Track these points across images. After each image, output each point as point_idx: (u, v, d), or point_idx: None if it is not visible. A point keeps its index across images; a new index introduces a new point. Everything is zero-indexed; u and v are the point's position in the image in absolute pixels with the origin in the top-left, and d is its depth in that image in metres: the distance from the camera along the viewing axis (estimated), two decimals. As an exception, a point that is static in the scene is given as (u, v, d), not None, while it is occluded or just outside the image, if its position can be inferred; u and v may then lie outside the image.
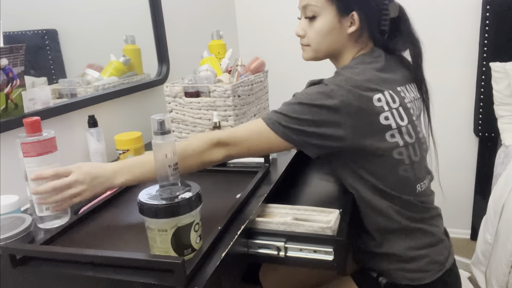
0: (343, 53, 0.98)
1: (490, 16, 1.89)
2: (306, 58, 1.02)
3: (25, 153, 0.82)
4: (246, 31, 2.37)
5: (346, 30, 0.93)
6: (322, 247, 0.84)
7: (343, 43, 0.96)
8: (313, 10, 0.94)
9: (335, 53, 0.98)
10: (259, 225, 0.90)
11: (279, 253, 0.86)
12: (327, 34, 0.94)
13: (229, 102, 1.30)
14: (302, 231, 0.87)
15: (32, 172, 0.82)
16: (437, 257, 0.97)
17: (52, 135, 0.84)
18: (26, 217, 0.83)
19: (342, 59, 0.99)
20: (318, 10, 0.93)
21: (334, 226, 0.86)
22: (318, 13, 0.93)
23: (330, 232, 0.85)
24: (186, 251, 0.68)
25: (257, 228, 0.89)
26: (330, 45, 0.96)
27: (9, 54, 0.96)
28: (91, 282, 0.68)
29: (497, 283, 1.38)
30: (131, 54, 1.46)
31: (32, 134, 0.82)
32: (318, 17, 0.94)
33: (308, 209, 0.95)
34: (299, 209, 0.95)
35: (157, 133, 0.81)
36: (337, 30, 0.93)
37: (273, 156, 1.20)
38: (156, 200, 0.66)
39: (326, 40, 0.95)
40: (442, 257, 0.98)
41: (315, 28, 0.95)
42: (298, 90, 0.96)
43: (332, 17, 0.92)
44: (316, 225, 0.86)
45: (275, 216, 0.95)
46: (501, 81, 1.84)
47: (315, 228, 0.86)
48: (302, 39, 0.99)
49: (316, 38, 0.96)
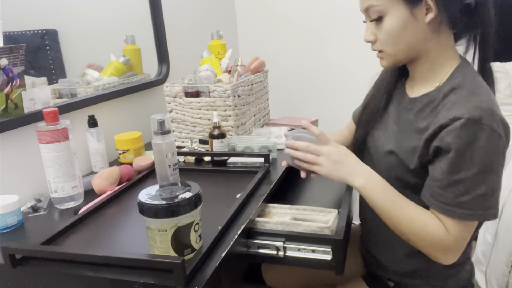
0: (429, 51, 0.83)
1: (490, 16, 1.88)
2: (386, 66, 0.88)
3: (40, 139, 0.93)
4: (246, 31, 2.37)
5: (423, 21, 0.79)
6: (321, 246, 0.84)
7: (424, 37, 0.81)
8: (378, 10, 0.81)
9: (418, 53, 0.84)
10: (258, 225, 0.90)
11: (278, 252, 0.86)
12: (400, 32, 0.80)
13: (229, 102, 1.30)
14: (300, 230, 0.87)
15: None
16: (463, 275, 0.94)
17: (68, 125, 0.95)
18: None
19: (429, 61, 0.85)
20: (383, 9, 0.80)
21: (333, 226, 0.87)
22: (385, 12, 0.80)
23: (328, 232, 0.85)
24: (186, 251, 0.68)
25: (256, 228, 0.89)
26: (409, 44, 0.82)
27: (9, 54, 0.96)
28: (91, 282, 0.68)
29: (497, 283, 1.39)
30: (131, 54, 1.46)
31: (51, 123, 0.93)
32: (386, 16, 0.80)
33: (307, 209, 0.95)
34: (298, 209, 0.95)
35: (157, 133, 0.82)
36: (412, 23, 0.79)
37: (273, 156, 1.20)
38: (156, 200, 0.66)
39: (401, 40, 0.81)
40: (468, 275, 0.96)
41: (385, 29, 0.81)
42: (298, 90, 0.95)
43: (402, 11, 0.78)
44: (314, 225, 0.86)
45: (274, 216, 0.95)
46: (501, 81, 1.84)
47: (313, 228, 0.86)
48: (374, 45, 0.86)
49: (390, 40, 0.82)
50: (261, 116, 1.60)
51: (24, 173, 1.04)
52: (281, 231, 0.88)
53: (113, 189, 1.04)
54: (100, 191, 1.02)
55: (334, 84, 2.27)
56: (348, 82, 2.23)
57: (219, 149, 1.21)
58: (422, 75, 0.88)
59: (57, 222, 0.91)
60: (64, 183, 0.95)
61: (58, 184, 0.95)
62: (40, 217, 0.94)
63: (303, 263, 0.86)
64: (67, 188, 0.96)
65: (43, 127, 0.93)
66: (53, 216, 0.94)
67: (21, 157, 1.03)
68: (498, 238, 1.40)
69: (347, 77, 2.22)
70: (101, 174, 1.04)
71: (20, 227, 0.89)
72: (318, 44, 2.24)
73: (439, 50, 0.83)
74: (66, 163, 0.95)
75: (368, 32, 0.85)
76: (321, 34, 2.22)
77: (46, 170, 0.95)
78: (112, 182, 1.04)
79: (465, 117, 0.72)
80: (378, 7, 0.80)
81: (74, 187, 0.97)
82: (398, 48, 0.83)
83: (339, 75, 2.24)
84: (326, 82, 2.28)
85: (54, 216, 0.94)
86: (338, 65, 2.22)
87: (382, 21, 0.81)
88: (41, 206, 0.97)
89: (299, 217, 0.94)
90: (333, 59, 2.22)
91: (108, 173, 1.04)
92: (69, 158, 0.95)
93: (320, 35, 2.22)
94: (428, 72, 0.87)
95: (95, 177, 1.04)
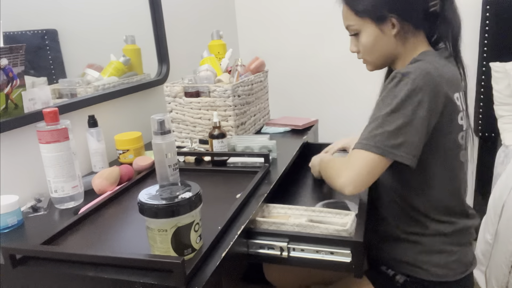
0: (402, 54, 0.98)
1: (490, 16, 1.88)
2: (370, 70, 1.05)
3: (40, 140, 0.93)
4: (246, 31, 2.37)
5: (390, 34, 0.95)
6: (340, 249, 0.82)
7: (395, 46, 0.97)
8: (354, 29, 0.98)
9: (393, 58, 1.00)
10: (274, 226, 0.89)
11: (282, 253, 0.86)
12: (374, 45, 0.97)
13: (229, 102, 1.31)
14: (317, 233, 0.86)
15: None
16: (464, 258, 0.96)
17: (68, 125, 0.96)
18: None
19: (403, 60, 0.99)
20: (358, 28, 0.97)
21: (351, 229, 0.85)
22: (359, 30, 0.97)
23: (346, 235, 0.84)
24: (186, 251, 0.68)
25: (269, 230, 0.88)
26: (383, 53, 0.98)
27: (9, 54, 0.96)
28: (91, 282, 0.68)
29: (497, 283, 1.39)
30: (131, 54, 1.46)
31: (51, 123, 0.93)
32: (361, 33, 0.97)
33: (323, 211, 0.94)
34: (314, 211, 0.94)
35: (157, 133, 0.81)
36: (382, 37, 0.96)
37: (273, 156, 1.20)
38: (156, 200, 0.66)
39: (377, 51, 0.98)
40: (468, 259, 0.98)
41: (362, 43, 0.98)
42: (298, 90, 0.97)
43: (372, 29, 0.95)
44: (331, 228, 0.85)
45: (290, 217, 0.94)
46: (501, 81, 1.84)
47: (330, 231, 0.85)
48: (358, 54, 1.03)
49: (367, 51, 0.99)
50: (261, 116, 1.60)
51: (24, 173, 1.04)
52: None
53: (113, 189, 1.04)
54: (100, 191, 1.02)
55: (334, 84, 2.27)
56: (348, 82, 2.23)
57: (219, 149, 1.21)
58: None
59: (57, 222, 0.91)
60: (64, 183, 0.95)
61: (58, 184, 0.95)
62: (40, 217, 0.94)
63: (320, 265, 0.84)
64: (67, 188, 0.96)
65: (43, 127, 0.93)
66: (53, 216, 0.94)
67: (21, 157, 1.03)
68: (498, 238, 1.40)
69: (347, 77, 2.22)
70: (101, 174, 1.04)
71: (20, 227, 0.89)
72: (318, 44, 2.24)
73: (410, 52, 0.97)
74: (66, 163, 0.95)
75: (352, 44, 1.02)
76: (321, 34, 2.22)
77: (46, 170, 0.95)
78: (112, 182, 1.04)
79: (399, 72, 0.87)
80: (354, 26, 0.98)
81: (74, 187, 0.97)
82: (375, 56, 1.00)
83: (339, 75, 2.24)
84: (326, 82, 2.28)
85: (54, 216, 0.94)
86: (338, 65, 2.22)
87: (359, 36, 0.98)
88: (41, 206, 0.97)
89: (315, 219, 0.93)
90: (333, 59, 2.22)
91: (108, 173, 1.04)
92: (69, 158, 0.95)
93: (320, 35, 2.22)
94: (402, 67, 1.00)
95: (95, 177, 1.04)
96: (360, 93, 2.20)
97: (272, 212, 0.97)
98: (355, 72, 2.18)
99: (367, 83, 1.12)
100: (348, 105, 2.27)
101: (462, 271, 0.95)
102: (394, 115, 0.84)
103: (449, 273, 0.94)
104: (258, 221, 0.90)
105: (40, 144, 0.93)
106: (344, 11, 0.99)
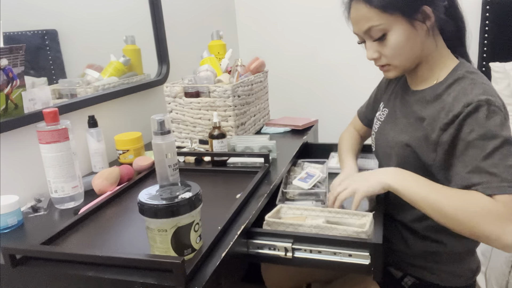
0: (430, 54, 0.90)
1: (490, 16, 1.89)
2: (393, 76, 0.93)
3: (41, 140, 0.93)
4: (246, 31, 2.37)
5: (422, 30, 0.86)
6: (358, 251, 0.81)
7: (426, 44, 0.88)
8: (380, 29, 0.85)
9: (421, 58, 0.91)
10: (291, 228, 0.87)
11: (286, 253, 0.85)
12: (405, 44, 0.86)
13: (229, 102, 1.31)
14: (335, 234, 0.84)
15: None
16: (473, 265, 0.97)
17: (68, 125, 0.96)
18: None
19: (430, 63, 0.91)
20: (385, 27, 0.85)
21: (369, 230, 0.84)
22: (387, 29, 0.85)
23: (365, 236, 0.82)
24: (186, 251, 0.68)
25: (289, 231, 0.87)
26: (414, 54, 0.88)
27: (9, 54, 0.96)
28: (91, 282, 0.68)
29: (497, 283, 1.38)
30: (131, 54, 1.46)
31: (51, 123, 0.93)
32: (389, 33, 0.85)
33: (340, 212, 0.92)
34: (331, 212, 0.93)
35: (157, 133, 0.81)
36: (414, 34, 0.85)
37: (273, 156, 1.20)
38: (156, 200, 0.66)
39: (407, 51, 0.87)
40: (476, 265, 0.98)
41: (391, 45, 0.86)
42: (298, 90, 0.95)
43: (404, 25, 0.84)
44: (350, 229, 0.83)
45: (307, 218, 0.93)
46: (501, 81, 1.84)
47: (349, 232, 0.83)
48: (378, 61, 0.91)
49: (396, 53, 0.87)
50: (261, 116, 1.60)
51: (24, 173, 1.04)
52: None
53: (113, 189, 1.04)
54: (100, 191, 1.02)
55: (334, 84, 2.27)
56: (348, 82, 2.23)
57: (219, 149, 1.21)
58: (422, 74, 0.94)
59: (57, 222, 0.91)
60: (64, 183, 0.95)
61: (58, 184, 0.95)
62: (40, 217, 0.94)
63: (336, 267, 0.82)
64: (67, 188, 0.96)
65: (43, 127, 0.93)
66: (53, 216, 0.94)
67: (21, 157, 1.03)
68: (498, 238, 1.40)
69: (347, 77, 2.22)
70: (101, 174, 1.04)
71: (20, 227, 0.89)
72: (318, 44, 2.24)
73: (438, 52, 0.91)
74: (66, 163, 0.95)
75: (371, 50, 0.89)
76: (321, 34, 2.22)
77: (46, 170, 0.95)
78: (112, 182, 1.04)
79: (475, 101, 0.79)
80: (380, 26, 0.85)
81: (74, 187, 0.97)
82: (406, 58, 0.88)
83: (339, 75, 2.24)
84: (326, 82, 2.28)
85: (54, 216, 0.94)
86: (338, 65, 2.22)
87: (386, 38, 0.86)
88: (41, 206, 0.97)
89: (331, 220, 0.92)
90: (333, 59, 2.22)
91: (108, 173, 1.04)
92: (69, 158, 0.95)
93: (320, 35, 2.22)
94: (428, 71, 0.93)
95: (95, 177, 1.04)
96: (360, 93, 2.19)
97: (287, 213, 0.96)
98: (355, 72, 2.18)
99: (367, 83, 1.12)
100: (348, 105, 2.26)
101: (470, 277, 0.96)
102: (507, 148, 0.77)
103: (459, 280, 0.95)
104: (275, 222, 0.88)
105: (40, 144, 0.93)
106: (362, 12, 0.86)
